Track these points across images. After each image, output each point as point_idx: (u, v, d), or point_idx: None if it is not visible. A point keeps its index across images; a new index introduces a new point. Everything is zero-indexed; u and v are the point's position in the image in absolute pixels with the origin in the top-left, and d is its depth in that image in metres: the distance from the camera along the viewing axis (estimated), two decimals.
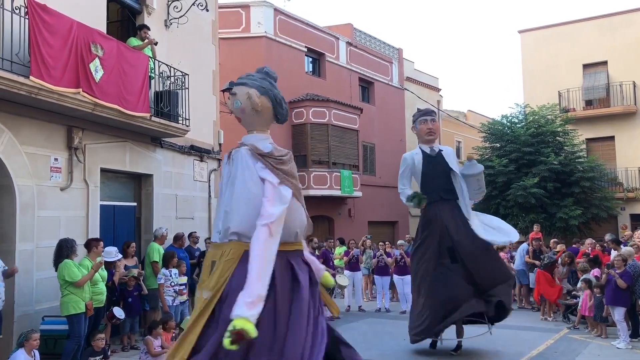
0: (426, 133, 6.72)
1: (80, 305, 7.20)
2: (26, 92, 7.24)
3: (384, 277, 13.52)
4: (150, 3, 10.78)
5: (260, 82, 3.65)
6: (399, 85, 26.81)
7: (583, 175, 20.80)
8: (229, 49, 17.97)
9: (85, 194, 9.01)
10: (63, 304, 7.24)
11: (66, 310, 7.19)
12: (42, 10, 7.42)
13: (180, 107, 10.63)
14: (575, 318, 10.99)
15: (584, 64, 24.56)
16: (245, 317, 2.87)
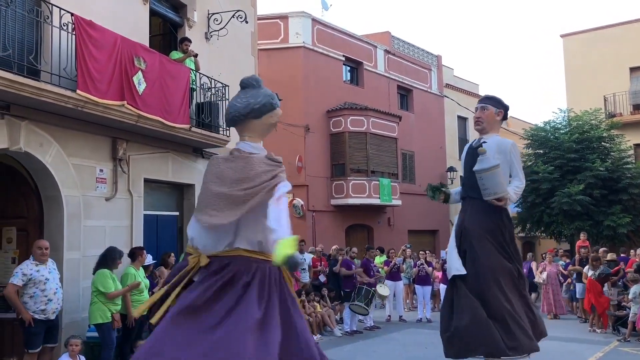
0: (474, 122, 6.15)
1: (107, 315, 7.27)
2: (73, 106, 7.47)
3: (425, 286, 13.35)
4: (191, 16, 11.00)
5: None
6: (438, 92, 26.56)
7: (631, 181, 20.12)
8: (268, 60, 18.18)
9: (130, 204, 9.22)
10: (91, 312, 7.34)
11: (94, 318, 7.29)
12: (88, 26, 7.66)
13: (220, 118, 10.79)
14: (626, 330, 10.60)
15: (631, 67, 23.83)
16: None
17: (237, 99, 3.36)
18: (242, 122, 3.33)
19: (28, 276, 6.44)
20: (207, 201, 3.15)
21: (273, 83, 17.16)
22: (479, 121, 5.97)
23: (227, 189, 3.12)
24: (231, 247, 3.17)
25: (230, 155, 3.29)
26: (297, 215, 18.69)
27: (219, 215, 3.07)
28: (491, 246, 5.36)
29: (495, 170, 5.31)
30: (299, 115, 18.64)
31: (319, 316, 11.32)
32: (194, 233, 3.23)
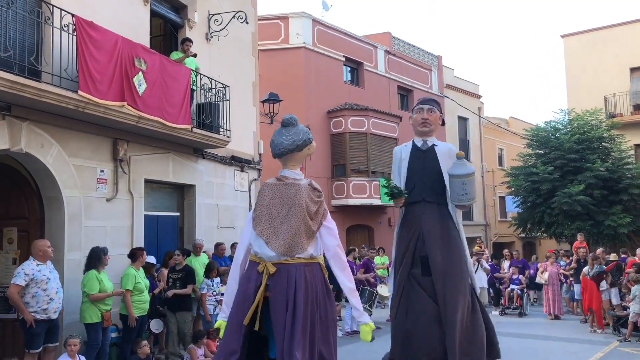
0: (420, 123, 5.67)
1: (96, 316, 7.30)
2: (74, 106, 7.48)
3: None
4: (192, 17, 11.02)
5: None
6: (439, 92, 26.57)
7: (632, 182, 20.11)
8: (269, 60, 18.19)
9: (130, 204, 9.23)
10: (81, 312, 7.38)
11: (83, 318, 7.33)
12: (89, 26, 7.67)
13: (221, 119, 10.80)
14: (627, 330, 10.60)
15: (631, 67, 23.84)
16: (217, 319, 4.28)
17: (283, 136, 4.14)
18: (287, 155, 4.14)
19: (30, 276, 6.46)
20: (269, 223, 3.98)
21: (273, 84, 17.19)
22: (428, 123, 5.69)
23: (286, 212, 3.97)
24: (292, 256, 3.92)
25: (280, 182, 4.10)
26: None
27: (279, 240, 3.92)
28: (451, 252, 5.24)
29: (474, 176, 5.26)
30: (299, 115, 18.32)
31: None
32: (258, 248, 4.00)
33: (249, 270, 4.06)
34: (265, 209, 4.04)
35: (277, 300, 3.85)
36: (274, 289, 3.88)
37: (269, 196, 4.07)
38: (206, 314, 8.93)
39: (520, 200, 22.59)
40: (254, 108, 13.08)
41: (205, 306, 8.95)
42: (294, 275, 3.90)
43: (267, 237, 3.96)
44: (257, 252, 4.02)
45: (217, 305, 9.12)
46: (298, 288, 3.87)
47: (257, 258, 4.00)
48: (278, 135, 4.18)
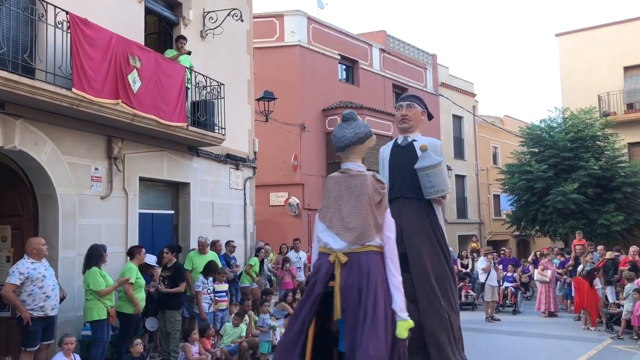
0: (399, 120, 5.66)
1: (103, 312, 7.30)
2: (68, 104, 7.45)
3: None
4: (187, 14, 10.99)
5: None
6: (434, 91, 26.61)
7: (625, 180, 20.23)
8: (264, 58, 18.16)
9: (125, 202, 9.21)
10: (86, 310, 7.37)
11: (89, 316, 7.31)
12: (83, 24, 7.64)
13: (216, 117, 10.78)
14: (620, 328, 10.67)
15: (625, 66, 23.95)
16: None
17: (344, 130, 4.16)
18: (349, 147, 4.18)
19: (25, 275, 6.43)
20: (337, 214, 4.04)
21: (268, 81, 17.17)
22: (406, 119, 5.65)
23: (354, 202, 4.01)
24: (363, 245, 3.94)
25: (344, 174, 4.14)
26: (293, 214, 18.72)
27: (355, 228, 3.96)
28: (432, 249, 5.21)
29: (440, 167, 5.16)
30: (294, 113, 18.65)
31: None
32: (328, 239, 4.04)
33: (319, 260, 4.08)
34: (332, 201, 4.10)
35: (350, 289, 3.86)
36: (345, 278, 3.90)
37: (334, 188, 4.12)
38: (201, 312, 8.93)
39: (515, 198, 22.67)
40: (249, 106, 13.07)
41: (201, 304, 8.94)
42: (365, 264, 3.92)
43: (336, 228, 4.00)
44: (326, 243, 4.04)
45: (212, 304, 9.12)
46: (371, 276, 3.90)
47: (327, 249, 4.02)
48: (340, 129, 4.21)
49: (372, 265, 3.93)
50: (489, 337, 10.48)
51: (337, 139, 4.21)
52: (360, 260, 3.92)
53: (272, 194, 18.91)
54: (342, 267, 3.92)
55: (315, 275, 4.02)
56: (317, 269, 4.05)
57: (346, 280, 3.88)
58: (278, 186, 18.75)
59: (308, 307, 3.92)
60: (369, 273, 3.91)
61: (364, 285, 3.85)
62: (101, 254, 7.54)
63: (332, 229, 4.03)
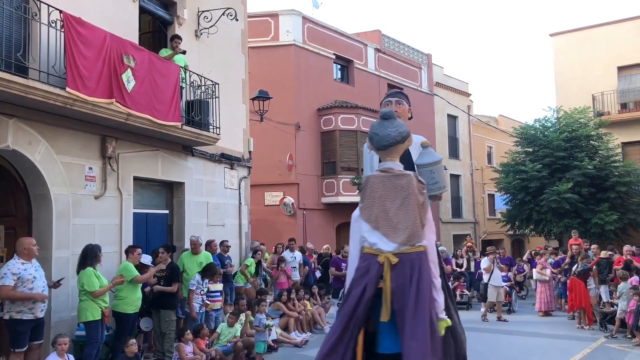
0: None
1: (97, 312, 7.26)
2: (62, 103, 7.42)
3: None
4: (181, 14, 10.97)
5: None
6: (429, 90, 26.65)
7: (619, 180, 20.30)
8: (259, 58, 18.15)
9: (119, 202, 9.18)
10: (80, 310, 7.32)
11: (84, 316, 7.27)
12: (77, 23, 7.61)
13: (210, 116, 10.76)
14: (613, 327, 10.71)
15: (619, 66, 24.02)
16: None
17: (388, 129, 4.09)
18: (393, 146, 4.11)
19: (17, 275, 6.39)
20: (384, 215, 3.94)
21: (263, 81, 17.16)
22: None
23: (400, 202, 3.94)
24: (412, 245, 3.88)
25: (388, 174, 4.04)
26: (288, 214, 18.71)
27: (404, 229, 3.91)
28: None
29: (442, 164, 5.11)
30: (289, 113, 18.64)
31: (309, 314, 11.35)
32: (375, 240, 3.94)
33: (366, 262, 3.94)
34: (377, 201, 3.99)
35: (402, 290, 3.81)
36: (396, 279, 3.83)
37: (380, 188, 4.01)
38: (192, 311, 8.90)
39: (509, 197, 22.72)
40: (244, 105, 13.05)
41: (192, 304, 8.92)
42: (417, 264, 3.87)
43: (384, 229, 3.92)
44: (374, 244, 3.94)
45: (202, 305, 9.10)
46: (422, 276, 3.86)
47: (374, 250, 3.92)
48: (381, 127, 4.13)
49: (422, 265, 3.91)
50: (484, 336, 10.51)
51: (381, 137, 4.12)
52: (411, 261, 3.88)
53: (267, 194, 18.90)
54: (391, 268, 3.86)
55: (365, 277, 3.90)
56: (365, 271, 3.93)
57: (397, 282, 3.83)
58: (273, 186, 18.74)
59: (361, 312, 3.83)
60: (421, 273, 3.88)
61: (415, 285, 3.83)
62: (96, 254, 7.51)
63: (379, 230, 3.94)
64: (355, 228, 4.08)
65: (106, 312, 7.39)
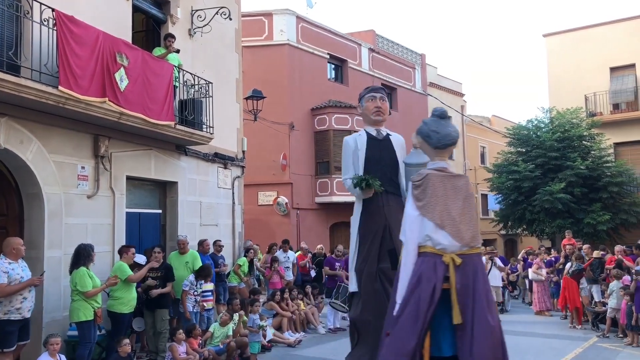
0: (373, 112, 5.44)
1: (89, 313, 7.22)
2: (54, 102, 7.38)
3: None
4: (175, 12, 10.92)
5: (419, 125, 4.25)
6: (422, 90, 26.69)
7: (611, 180, 20.43)
8: (252, 57, 18.12)
9: (112, 201, 9.14)
10: (73, 310, 7.27)
11: (76, 316, 7.22)
12: (69, 21, 7.57)
13: (204, 115, 10.73)
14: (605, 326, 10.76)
15: (611, 67, 24.16)
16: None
17: (449, 127, 4.08)
18: (451, 146, 4.10)
19: (7, 274, 6.35)
20: (447, 214, 3.90)
21: (257, 80, 17.12)
22: (381, 111, 5.51)
23: (461, 203, 3.95)
24: (472, 246, 3.93)
25: (445, 173, 4.01)
26: (282, 213, 18.69)
27: (467, 230, 3.92)
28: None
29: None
30: (283, 113, 18.62)
31: (302, 314, 11.34)
32: (440, 239, 3.88)
33: (429, 262, 3.87)
34: (440, 200, 3.94)
35: (466, 291, 3.82)
36: (460, 280, 3.82)
37: (440, 187, 3.96)
38: (186, 312, 8.88)
39: (502, 197, 22.80)
40: (238, 105, 13.02)
41: (186, 304, 8.90)
42: (477, 265, 3.92)
43: (449, 228, 3.87)
44: (438, 243, 3.87)
45: (196, 304, 9.07)
46: (482, 277, 3.93)
47: (438, 250, 3.87)
48: (441, 126, 4.07)
49: (480, 266, 3.99)
50: None
51: (443, 136, 4.05)
52: (472, 262, 3.90)
53: (260, 193, 18.88)
54: (455, 269, 3.84)
55: (433, 278, 3.83)
56: (432, 271, 3.85)
57: (462, 283, 3.82)
58: (267, 185, 18.73)
59: (431, 313, 3.77)
60: (482, 275, 3.95)
61: (477, 286, 3.85)
62: (89, 253, 7.46)
63: (444, 229, 3.89)
64: (414, 226, 3.95)
65: (98, 312, 7.35)
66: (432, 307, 3.76)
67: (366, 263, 4.94)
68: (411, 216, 3.95)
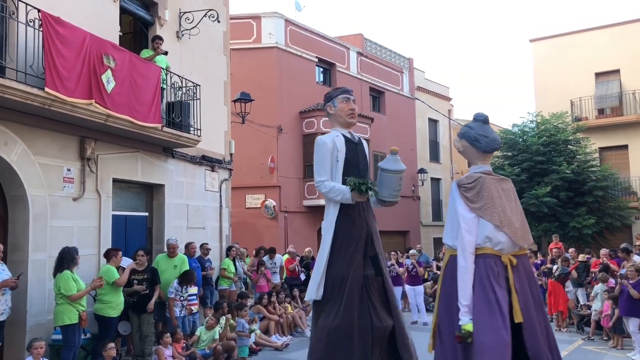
0: (348, 114, 5.27)
1: (74, 316, 7.16)
2: (40, 104, 7.32)
3: (396, 287, 13.40)
4: (163, 14, 10.89)
5: (462, 130, 4.35)
6: (410, 94, 26.80)
7: (596, 184, 20.63)
8: (241, 60, 18.09)
9: (98, 204, 9.07)
10: (57, 314, 7.20)
11: (60, 320, 7.15)
12: (55, 22, 7.51)
13: (191, 118, 10.69)
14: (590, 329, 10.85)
15: (596, 72, 24.43)
16: (463, 323, 3.82)
17: (494, 133, 4.18)
18: (496, 150, 4.29)
19: None
20: (504, 215, 3.99)
21: (245, 83, 17.10)
22: (354, 114, 5.36)
23: (514, 204, 4.08)
24: (523, 247, 4.07)
25: (494, 177, 4.14)
26: (269, 216, 18.65)
27: (519, 232, 4.03)
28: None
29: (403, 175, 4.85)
30: (271, 116, 18.61)
31: (289, 317, 11.32)
32: (501, 239, 3.95)
33: (492, 261, 3.91)
34: (496, 202, 4.00)
35: (523, 291, 3.91)
36: (518, 281, 3.92)
37: (493, 189, 4.03)
38: (172, 318, 8.82)
39: None
40: (226, 107, 12.99)
41: (173, 310, 8.85)
42: (527, 266, 4.06)
43: (508, 228, 3.93)
44: (498, 243, 3.92)
45: (183, 308, 9.02)
46: (532, 278, 4.09)
47: (497, 251, 3.91)
48: (487, 130, 4.17)
49: (530, 267, 4.16)
50: None
51: (491, 140, 4.14)
52: (524, 263, 4.04)
53: (248, 196, 18.83)
54: (512, 270, 3.93)
55: (499, 280, 3.88)
56: (495, 272, 3.89)
57: (519, 283, 3.92)
58: (254, 188, 18.68)
59: (507, 313, 3.81)
60: (533, 275, 4.15)
61: (530, 286, 4.00)
62: (73, 256, 7.40)
63: (504, 229, 3.94)
64: (472, 228, 3.96)
65: (83, 315, 7.28)
66: (507, 306, 3.83)
67: (350, 269, 4.71)
68: (467, 218, 3.95)
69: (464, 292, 3.88)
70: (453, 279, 3.96)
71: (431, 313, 5.14)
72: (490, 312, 3.78)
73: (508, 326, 3.76)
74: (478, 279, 3.88)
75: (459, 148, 4.35)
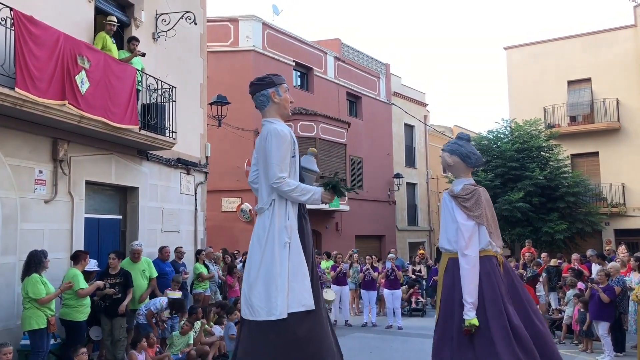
0: (290, 106, 4.91)
1: (42, 321, 7.03)
2: (11, 104, 7.17)
3: (371, 291, 13.48)
4: (139, 16, 10.77)
5: (451, 146, 4.84)
6: (386, 100, 26.96)
7: (568, 190, 20.99)
8: (217, 63, 18.00)
9: (70, 206, 8.92)
10: (25, 319, 7.05)
11: (28, 325, 7.01)
12: (28, 21, 7.38)
13: (167, 120, 10.58)
14: (561, 333, 11.02)
15: (568, 80, 24.90)
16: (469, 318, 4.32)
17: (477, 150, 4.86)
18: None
19: None
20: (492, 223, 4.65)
21: (222, 86, 17.02)
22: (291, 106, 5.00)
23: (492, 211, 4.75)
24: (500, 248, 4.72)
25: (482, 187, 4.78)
26: (245, 220, 18.56)
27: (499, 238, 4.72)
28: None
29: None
30: (248, 119, 18.52)
31: None
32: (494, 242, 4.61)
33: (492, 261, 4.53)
34: (487, 210, 4.63)
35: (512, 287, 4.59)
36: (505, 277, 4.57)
37: (483, 199, 4.63)
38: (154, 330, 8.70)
39: None
40: (202, 110, 12.90)
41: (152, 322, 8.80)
42: (507, 265, 4.71)
43: (495, 234, 4.60)
44: (493, 246, 4.56)
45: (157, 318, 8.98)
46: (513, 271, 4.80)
47: (493, 252, 4.55)
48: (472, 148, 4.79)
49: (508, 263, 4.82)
50: None
51: (479, 157, 4.78)
52: (504, 262, 4.69)
53: (224, 200, 18.72)
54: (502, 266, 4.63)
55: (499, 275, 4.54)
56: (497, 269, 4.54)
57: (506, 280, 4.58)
58: (230, 192, 18.58)
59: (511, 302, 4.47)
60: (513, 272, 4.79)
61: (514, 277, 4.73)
62: (41, 260, 7.25)
63: (493, 234, 4.60)
64: (474, 234, 4.50)
65: (52, 320, 7.14)
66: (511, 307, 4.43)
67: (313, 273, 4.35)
68: (468, 225, 4.47)
69: (469, 290, 4.36)
70: (454, 279, 4.52)
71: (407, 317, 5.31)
72: (498, 301, 4.37)
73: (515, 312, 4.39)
74: (485, 275, 4.43)
75: (449, 163, 4.81)
